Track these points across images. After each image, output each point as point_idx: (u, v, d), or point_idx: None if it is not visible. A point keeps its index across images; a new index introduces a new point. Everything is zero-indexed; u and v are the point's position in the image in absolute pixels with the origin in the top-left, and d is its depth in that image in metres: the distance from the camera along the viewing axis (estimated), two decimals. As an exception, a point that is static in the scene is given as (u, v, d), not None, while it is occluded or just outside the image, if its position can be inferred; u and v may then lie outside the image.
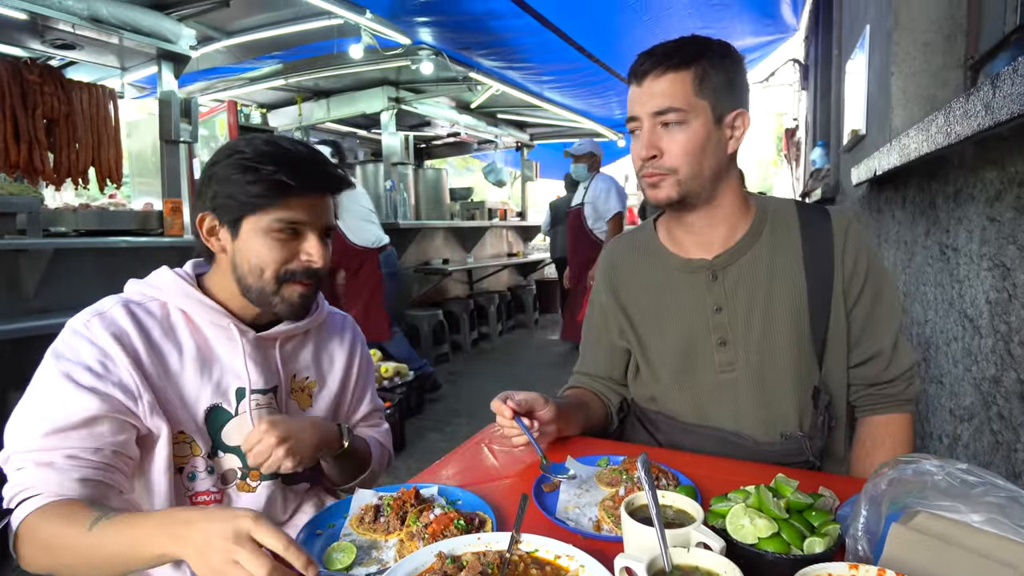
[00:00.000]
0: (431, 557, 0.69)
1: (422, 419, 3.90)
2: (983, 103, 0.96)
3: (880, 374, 1.09)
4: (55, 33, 2.97)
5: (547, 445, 1.08)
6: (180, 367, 0.95)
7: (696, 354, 1.11)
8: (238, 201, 0.92)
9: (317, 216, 0.96)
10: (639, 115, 1.04)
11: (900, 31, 1.92)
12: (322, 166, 0.96)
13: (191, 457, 0.95)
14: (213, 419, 0.97)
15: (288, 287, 0.96)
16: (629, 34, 4.08)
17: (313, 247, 0.96)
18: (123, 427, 0.87)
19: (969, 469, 0.63)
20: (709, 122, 1.01)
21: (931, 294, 1.64)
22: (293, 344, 1.08)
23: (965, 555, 0.55)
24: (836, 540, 0.65)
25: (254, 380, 0.99)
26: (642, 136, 1.03)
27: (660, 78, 1.00)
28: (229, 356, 0.98)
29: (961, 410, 1.43)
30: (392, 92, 5.49)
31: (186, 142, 3.36)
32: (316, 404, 1.10)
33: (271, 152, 0.92)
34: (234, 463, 0.99)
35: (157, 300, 0.97)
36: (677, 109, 1.00)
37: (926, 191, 1.66)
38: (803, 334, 1.06)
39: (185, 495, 0.95)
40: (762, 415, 1.08)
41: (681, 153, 1.01)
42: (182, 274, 1.00)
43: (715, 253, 1.10)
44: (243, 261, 0.95)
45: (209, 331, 0.98)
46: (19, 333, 2.39)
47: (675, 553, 0.60)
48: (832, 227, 1.08)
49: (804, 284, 1.06)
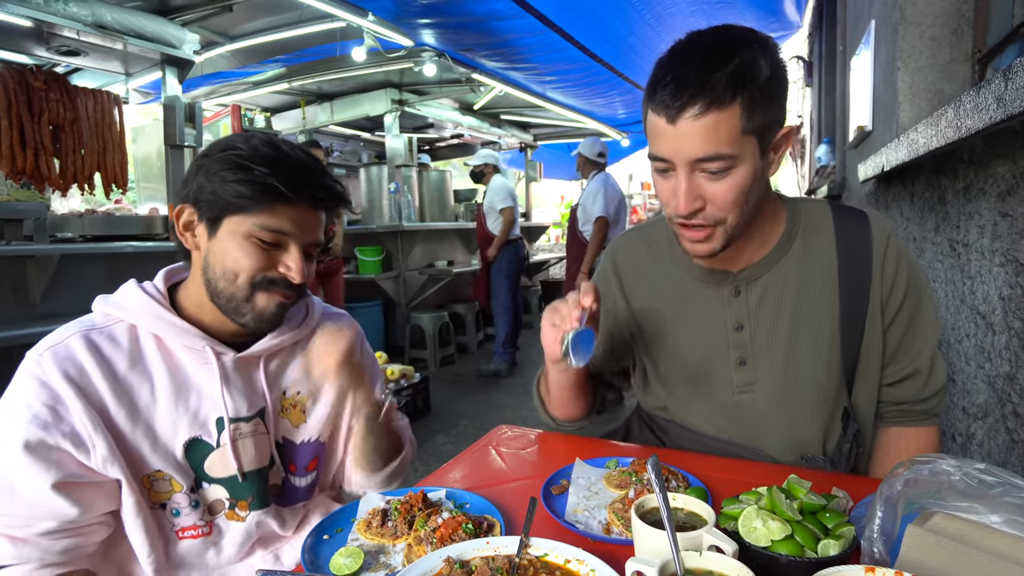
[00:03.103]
0: (439, 562, 0.68)
1: (428, 421, 3.90)
2: (995, 96, 0.94)
3: (916, 394, 1.00)
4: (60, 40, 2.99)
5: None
6: (152, 400, 0.88)
7: (712, 372, 1.03)
8: (221, 198, 0.86)
9: (303, 230, 0.90)
10: (671, 158, 0.86)
11: (906, 25, 1.90)
12: (320, 177, 0.90)
13: (172, 493, 0.90)
14: (193, 453, 0.90)
15: (263, 295, 0.90)
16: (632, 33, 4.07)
17: (294, 261, 0.89)
18: (83, 489, 0.82)
19: (987, 469, 0.61)
20: (756, 158, 0.85)
21: (942, 291, 1.62)
22: (279, 360, 1.01)
23: (984, 557, 0.54)
24: (851, 542, 0.63)
25: (234, 408, 0.92)
26: (679, 186, 0.86)
27: (700, 119, 0.81)
28: (206, 382, 0.91)
29: (975, 408, 1.41)
30: (395, 94, 5.51)
31: (191, 147, 3.38)
32: (311, 419, 1.04)
33: (268, 154, 0.87)
34: (220, 494, 0.93)
35: (124, 322, 0.90)
36: (725, 156, 0.82)
37: (935, 187, 1.64)
38: (832, 354, 0.97)
39: (171, 531, 0.91)
40: (782, 438, 1.01)
41: (729, 202, 0.86)
42: (151, 290, 0.92)
43: (740, 267, 1.00)
44: (216, 263, 0.89)
45: (183, 356, 0.91)
46: (27, 339, 2.40)
47: (687, 557, 0.59)
48: (872, 235, 0.97)
49: (837, 299, 0.96)
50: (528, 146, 8.04)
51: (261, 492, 0.97)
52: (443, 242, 6.10)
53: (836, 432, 1.01)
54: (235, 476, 0.93)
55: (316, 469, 1.06)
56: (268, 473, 0.99)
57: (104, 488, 0.85)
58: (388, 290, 5.33)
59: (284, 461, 1.02)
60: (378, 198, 5.76)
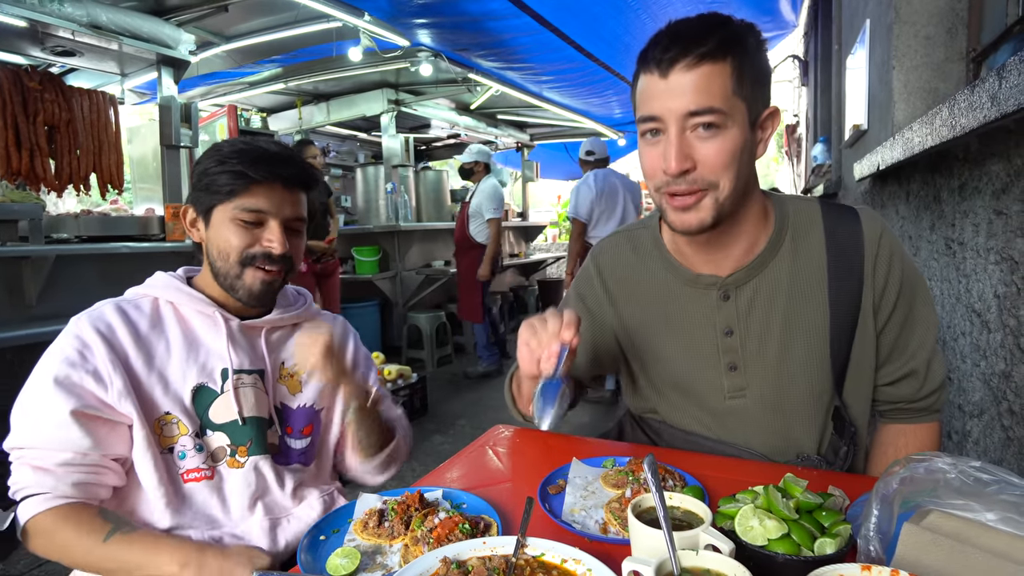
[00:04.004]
0: (436, 562, 0.68)
1: (425, 421, 3.89)
2: (989, 95, 0.94)
3: (912, 394, 0.99)
4: (55, 40, 2.98)
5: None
6: (167, 354, 1.01)
7: (702, 378, 1.01)
8: (209, 192, 1.02)
9: (279, 206, 1.03)
10: (662, 115, 0.84)
11: (901, 24, 1.91)
12: (284, 160, 1.03)
13: (179, 436, 1.00)
14: (200, 399, 1.02)
15: (250, 272, 1.03)
16: (627, 32, 4.08)
17: (273, 234, 1.02)
18: (98, 423, 0.93)
19: (983, 467, 0.61)
20: (745, 126, 0.85)
21: (937, 289, 1.62)
22: (280, 335, 1.14)
23: (980, 555, 0.54)
24: (847, 540, 0.64)
25: (237, 361, 1.05)
26: (669, 143, 0.84)
27: (693, 70, 0.81)
28: (214, 341, 1.05)
29: (970, 406, 1.42)
30: (391, 94, 5.50)
31: (187, 147, 3.36)
32: (307, 388, 1.14)
33: (242, 148, 1.02)
34: (223, 440, 1.03)
35: (148, 296, 1.05)
36: (717, 110, 0.81)
37: (930, 185, 1.65)
38: (824, 357, 0.95)
39: (177, 473, 1.00)
40: (776, 440, 1.00)
41: (721, 164, 0.83)
42: (172, 274, 1.09)
43: (728, 271, 0.97)
44: (213, 247, 1.04)
45: (195, 320, 1.06)
46: (22, 340, 2.40)
47: (684, 556, 0.59)
48: (863, 234, 0.94)
49: (827, 301, 0.94)
50: (525, 146, 8.04)
51: (259, 439, 1.06)
52: (440, 242, 6.08)
53: (829, 432, 1.00)
54: (236, 420, 1.03)
55: (311, 435, 1.15)
56: (266, 428, 1.08)
57: (117, 429, 0.95)
58: (385, 290, 5.33)
59: (281, 424, 1.11)
60: (375, 198, 5.75)
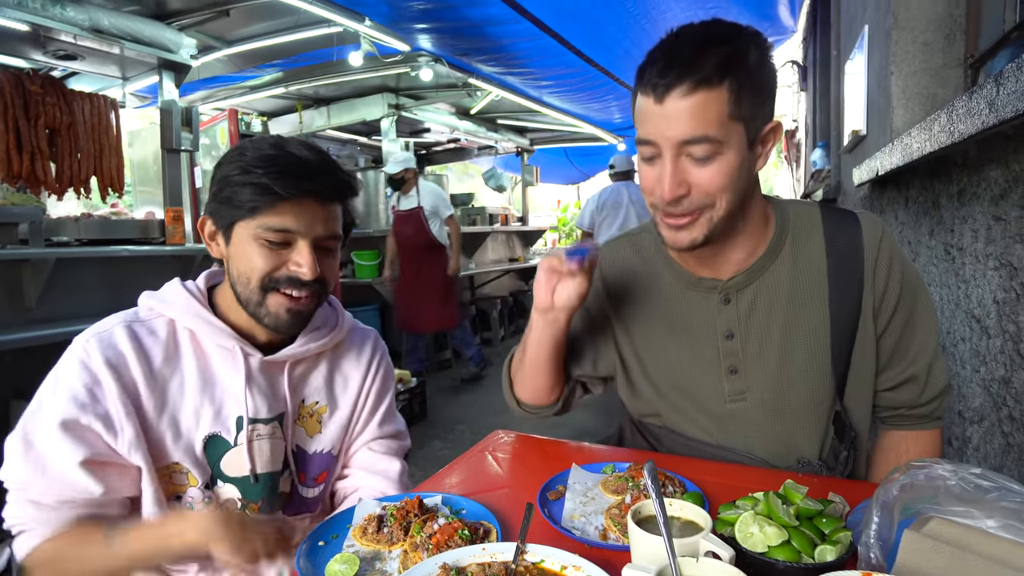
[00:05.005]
0: (435, 568, 0.67)
1: (425, 426, 3.88)
2: (987, 101, 0.95)
3: (913, 400, 0.99)
4: (57, 44, 2.99)
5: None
6: (180, 394, 0.92)
7: (702, 381, 1.01)
8: (231, 205, 0.88)
9: (310, 225, 0.89)
10: (657, 141, 0.84)
11: (899, 30, 1.91)
12: (320, 171, 0.90)
13: (187, 487, 0.93)
14: (212, 448, 0.94)
15: (273, 297, 0.91)
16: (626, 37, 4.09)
17: (302, 257, 0.89)
18: (108, 469, 0.87)
19: (983, 473, 0.61)
20: (743, 147, 0.84)
21: (936, 295, 1.62)
22: (304, 367, 1.03)
23: (980, 562, 0.54)
24: (848, 547, 0.63)
25: (254, 409, 0.95)
26: (663, 169, 0.85)
27: (688, 97, 0.80)
28: (231, 380, 0.95)
29: (970, 412, 1.41)
30: (392, 99, 5.51)
31: (187, 151, 3.37)
32: (325, 430, 1.05)
33: (270, 155, 0.87)
34: (233, 493, 0.96)
35: (165, 317, 0.94)
36: (712, 139, 0.81)
37: (929, 191, 1.65)
38: (825, 361, 0.95)
39: None
40: (777, 445, 1.00)
41: (717, 188, 0.84)
42: (192, 289, 0.96)
43: (729, 275, 0.98)
44: (234, 268, 0.91)
45: (214, 354, 0.95)
46: (21, 343, 2.39)
47: (684, 563, 0.59)
48: (863, 238, 0.95)
49: (827, 305, 0.95)
50: (525, 150, 8.05)
51: (271, 497, 0.99)
52: (440, 246, 6.08)
53: (831, 437, 1.00)
54: (248, 477, 0.95)
55: (324, 482, 1.07)
56: (279, 479, 1.00)
57: (127, 473, 0.89)
58: (384, 294, 5.32)
59: (296, 469, 1.03)
60: (375, 202, 5.76)
